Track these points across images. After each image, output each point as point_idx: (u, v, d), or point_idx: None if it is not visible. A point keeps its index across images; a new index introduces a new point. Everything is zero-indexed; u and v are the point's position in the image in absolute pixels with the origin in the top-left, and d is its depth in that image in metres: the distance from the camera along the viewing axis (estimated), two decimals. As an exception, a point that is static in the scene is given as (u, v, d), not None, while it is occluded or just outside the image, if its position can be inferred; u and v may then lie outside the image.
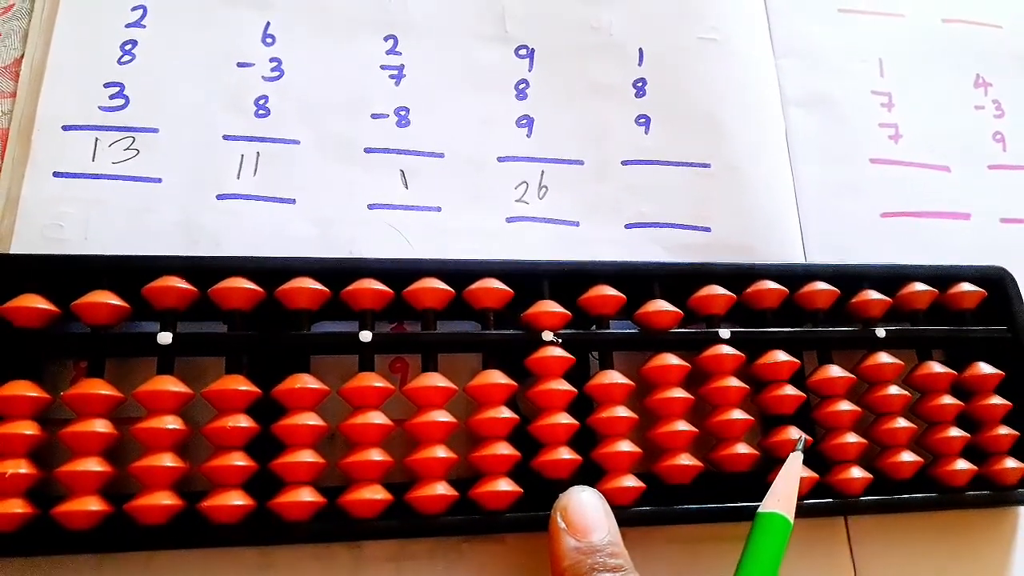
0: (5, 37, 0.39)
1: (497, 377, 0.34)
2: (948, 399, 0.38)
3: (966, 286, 0.40)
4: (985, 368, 0.39)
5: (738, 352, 0.36)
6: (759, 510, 0.31)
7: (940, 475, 0.37)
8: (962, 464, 0.37)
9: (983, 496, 0.38)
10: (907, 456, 0.37)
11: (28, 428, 0.30)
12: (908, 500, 0.37)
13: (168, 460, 0.31)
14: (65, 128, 0.38)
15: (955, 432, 0.38)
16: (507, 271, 0.36)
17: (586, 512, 0.30)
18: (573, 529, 0.30)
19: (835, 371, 0.37)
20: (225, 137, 0.39)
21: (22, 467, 0.30)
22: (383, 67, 0.42)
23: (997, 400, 0.38)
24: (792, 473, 0.32)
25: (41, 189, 0.37)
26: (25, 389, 0.31)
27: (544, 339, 0.35)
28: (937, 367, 0.38)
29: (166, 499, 0.30)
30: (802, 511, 0.33)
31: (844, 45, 0.48)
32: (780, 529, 0.31)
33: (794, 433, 0.35)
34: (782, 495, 0.32)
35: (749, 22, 0.47)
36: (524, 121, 0.43)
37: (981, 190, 0.46)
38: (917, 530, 0.38)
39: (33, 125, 0.37)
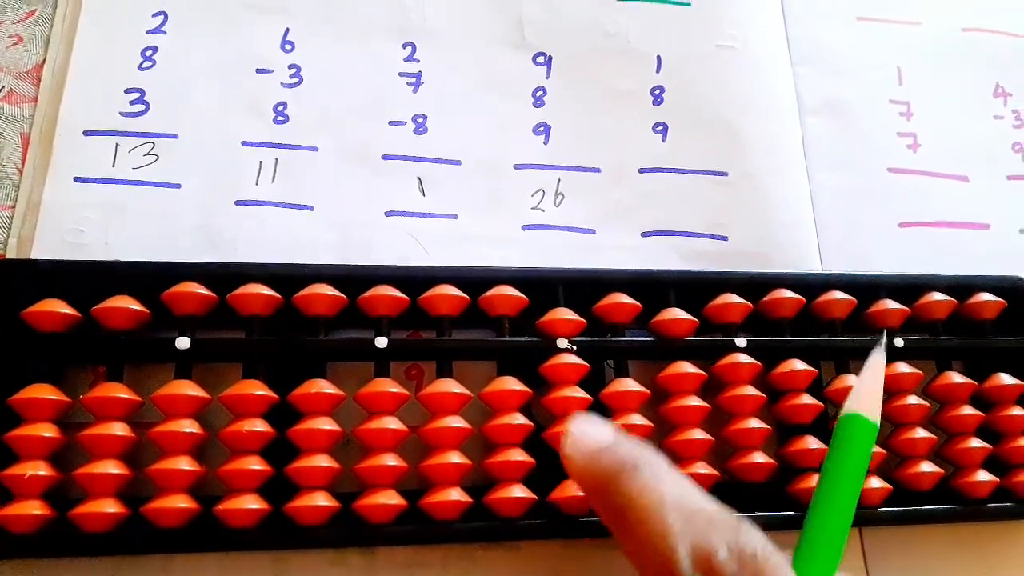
0: (27, 42, 0.40)
1: (512, 384, 0.34)
2: (968, 410, 0.38)
3: (985, 296, 0.40)
4: (1006, 379, 0.38)
5: (754, 361, 0.36)
6: (841, 412, 0.28)
7: (960, 486, 0.37)
8: (983, 475, 0.37)
9: (1004, 508, 0.37)
10: (927, 467, 0.36)
11: (48, 431, 0.31)
12: (927, 512, 0.36)
13: (185, 464, 0.31)
14: (86, 133, 0.38)
15: (976, 443, 0.37)
16: (522, 278, 0.36)
17: (588, 430, 0.28)
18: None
19: (852, 380, 0.37)
20: (244, 143, 0.39)
21: (41, 469, 0.30)
22: (401, 74, 0.42)
23: (1018, 411, 0.38)
24: (876, 369, 0.28)
25: (62, 194, 0.37)
26: (45, 392, 0.31)
27: (559, 346, 0.35)
28: (957, 377, 0.38)
29: (182, 502, 0.30)
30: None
31: (862, 53, 0.48)
32: (865, 433, 0.27)
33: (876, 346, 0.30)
34: (864, 393, 0.28)
35: (767, 29, 0.47)
36: (541, 128, 0.43)
37: (1000, 200, 0.46)
38: (936, 543, 0.38)
39: (54, 130, 0.38)
